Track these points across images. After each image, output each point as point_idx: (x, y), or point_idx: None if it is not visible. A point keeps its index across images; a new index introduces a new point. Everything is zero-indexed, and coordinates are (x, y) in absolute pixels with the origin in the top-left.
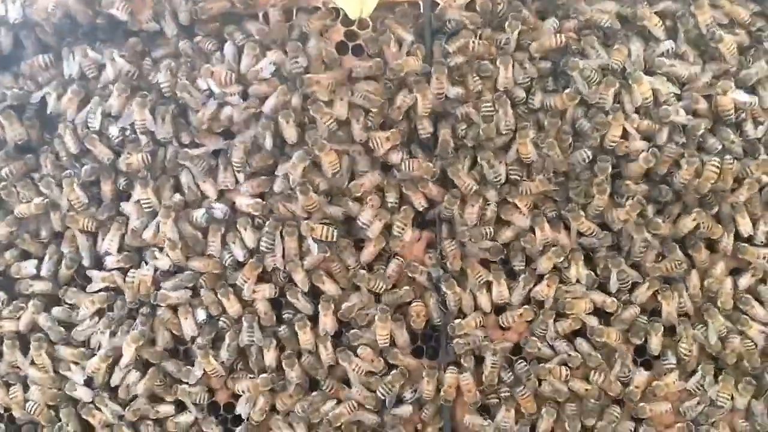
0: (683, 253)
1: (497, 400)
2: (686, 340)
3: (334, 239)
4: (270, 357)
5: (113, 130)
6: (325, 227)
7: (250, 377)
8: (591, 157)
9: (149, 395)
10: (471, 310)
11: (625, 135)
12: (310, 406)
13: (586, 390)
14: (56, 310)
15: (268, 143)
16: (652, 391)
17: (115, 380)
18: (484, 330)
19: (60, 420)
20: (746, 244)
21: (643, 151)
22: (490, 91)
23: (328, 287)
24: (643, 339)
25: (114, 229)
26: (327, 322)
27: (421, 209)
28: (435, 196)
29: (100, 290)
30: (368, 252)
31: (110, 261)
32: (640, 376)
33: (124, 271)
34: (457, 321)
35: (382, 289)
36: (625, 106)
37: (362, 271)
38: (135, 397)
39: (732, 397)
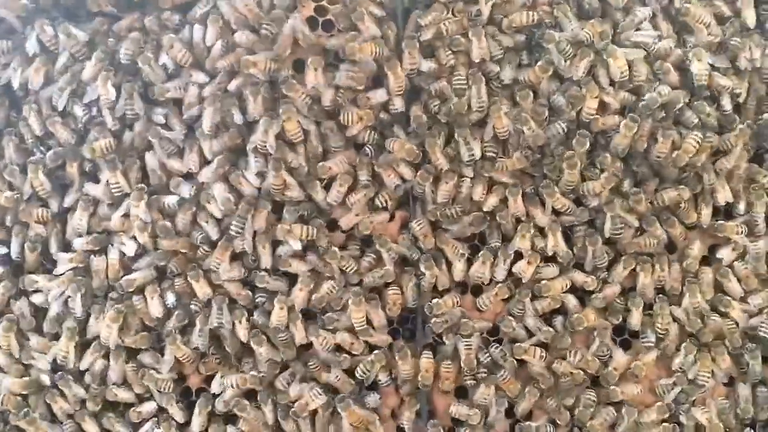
0: None
1: (474, 381)
2: (662, 318)
3: (314, 236)
4: (242, 331)
5: (78, 110)
6: (303, 227)
7: (241, 372)
8: (566, 130)
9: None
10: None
11: (601, 109)
12: (290, 375)
13: (572, 373)
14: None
15: (237, 118)
16: (632, 372)
17: (84, 364)
18: (461, 311)
19: (29, 406)
20: (723, 222)
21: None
22: (464, 65)
23: (297, 267)
24: (621, 319)
25: (81, 209)
26: (300, 296)
27: (393, 187)
28: (406, 175)
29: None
30: (347, 219)
31: (79, 243)
32: (620, 357)
33: (92, 253)
34: (434, 300)
35: (352, 270)
36: (600, 79)
37: (334, 249)
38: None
39: (713, 373)
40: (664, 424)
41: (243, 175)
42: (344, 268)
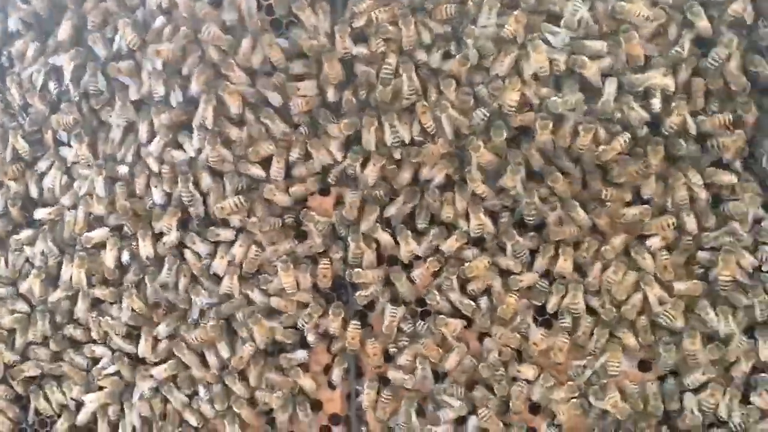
0: None
1: (396, 350)
2: (574, 299)
3: (244, 204)
4: (182, 284)
5: (51, 86)
6: (231, 200)
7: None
8: (489, 116)
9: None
10: (372, 266)
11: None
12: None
13: (500, 352)
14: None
15: (177, 96)
16: (551, 358)
17: (52, 298)
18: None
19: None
20: (649, 221)
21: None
22: (394, 52)
23: (225, 236)
24: (544, 300)
25: (55, 169)
26: (240, 252)
27: (324, 165)
28: (337, 155)
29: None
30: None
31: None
32: (536, 333)
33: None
34: (356, 270)
35: (277, 227)
36: (524, 72)
37: (253, 219)
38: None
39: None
40: (573, 399)
41: (181, 146)
42: (272, 227)
